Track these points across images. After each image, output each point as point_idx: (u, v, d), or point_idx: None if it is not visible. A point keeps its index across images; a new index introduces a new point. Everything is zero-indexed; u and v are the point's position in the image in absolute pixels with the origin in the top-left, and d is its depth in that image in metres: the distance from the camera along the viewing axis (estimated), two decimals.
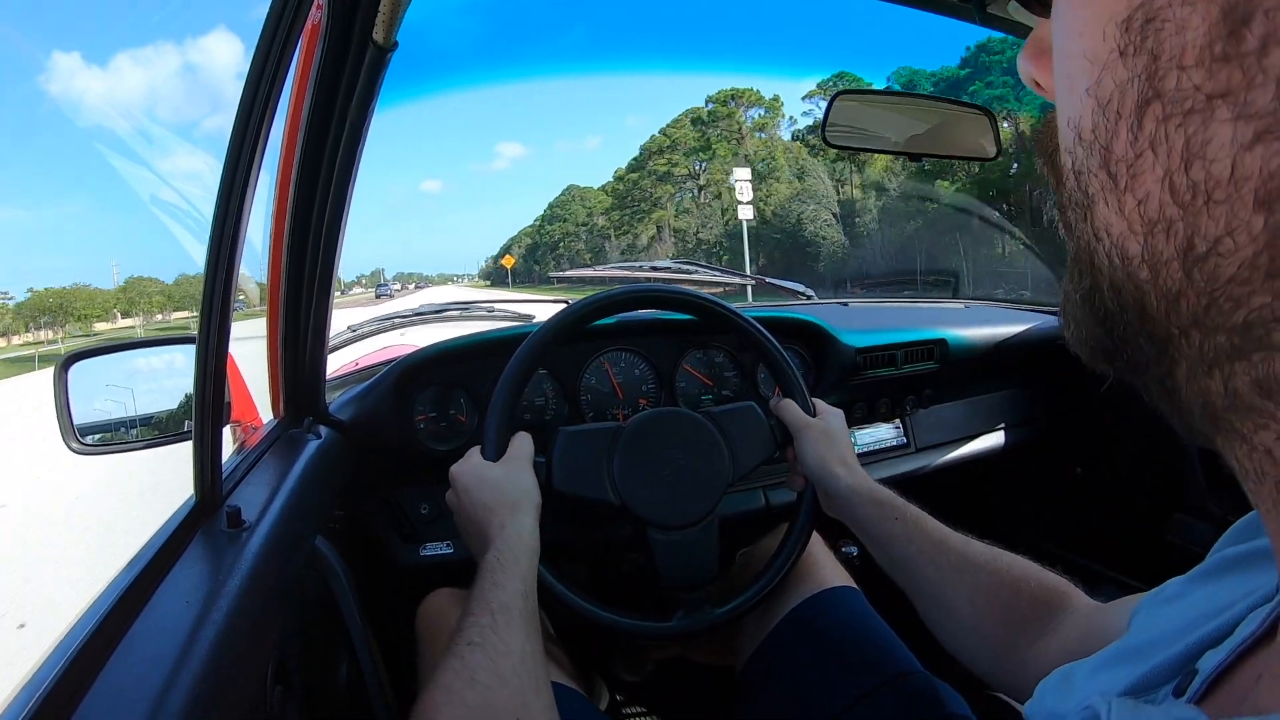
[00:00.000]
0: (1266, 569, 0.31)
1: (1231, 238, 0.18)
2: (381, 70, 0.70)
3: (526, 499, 0.80)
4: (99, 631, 0.46)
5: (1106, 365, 0.26)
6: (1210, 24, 0.17)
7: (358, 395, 1.06)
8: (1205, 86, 0.17)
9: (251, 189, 0.57)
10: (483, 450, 0.86)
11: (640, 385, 1.20)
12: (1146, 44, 0.19)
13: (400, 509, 1.09)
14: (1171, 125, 0.18)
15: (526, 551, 0.73)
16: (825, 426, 0.91)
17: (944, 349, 1.39)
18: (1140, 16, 0.19)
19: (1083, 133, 0.21)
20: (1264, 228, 0.17)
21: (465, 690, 0.59)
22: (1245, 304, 0.18)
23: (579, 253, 46.45)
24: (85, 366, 0.83)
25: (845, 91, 1.07)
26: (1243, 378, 0.19)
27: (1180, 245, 0.19)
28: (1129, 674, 0.34)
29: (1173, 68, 0.18)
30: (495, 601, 0.66)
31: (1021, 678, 0.63)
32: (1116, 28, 0.19)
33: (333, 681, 0.87)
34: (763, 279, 1.93)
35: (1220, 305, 0.19)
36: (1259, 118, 0.17)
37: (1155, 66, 0.19)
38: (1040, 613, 0.64)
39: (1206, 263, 0.19)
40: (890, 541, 0.76)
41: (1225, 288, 0.18)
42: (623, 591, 1.29)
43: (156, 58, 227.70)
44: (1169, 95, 0.18)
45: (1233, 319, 0.19)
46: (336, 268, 0.84)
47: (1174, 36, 0.18)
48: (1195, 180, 0.18)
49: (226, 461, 0.74)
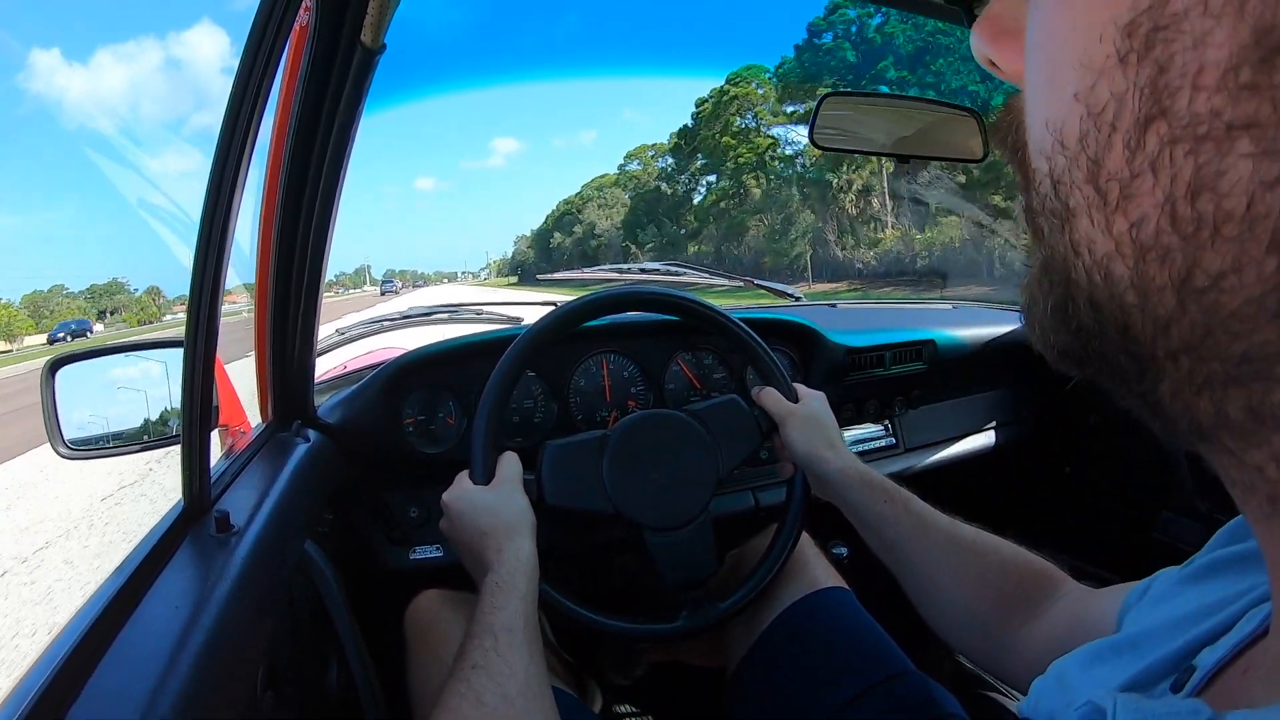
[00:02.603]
0: (1259, 570, 0.31)
1: (1238, 275, 0.17)
2: (370, 71, 0.70)
3: (521, 521, 0.79)
4: (88, 637, 0.46)
5: (1076, 370, 0.24)
6: (1239, 44, 0.15)
7: (346, 398, 1.06)
8: (1225, 114, 0.16)
9: (239, 191, 0.57)
10: (471, 473, 0.85)
11: (629, 387, 1.21)
12: (1153, 53, 0.17)
13: (389, 512, 1.09)
14: (1180, 150, 0.17)
15: (525, 573, 0.73)
16: (809, 411, 0.91)
17: (932, 350, 1.40)
18: (1147, 22, 0.17)
19: (1066, 139, 0.20)
20: (1277, 269, 0.16)
21: (472, 712, 0.59)
22: (1246, 339, 0.17)
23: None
24: (73, 370, 0.82)
25: (834, 93, 1.07)
26: (1236, 403, 0.18)
27: (1177, 275, 0.18)
28: (1126, 668, 0.34)
29: (1185, 86, 0.16)
30: (497, 624, 0.66)
31: (1010, 660, 0.63)
32: (1117, 30, 0.18)
33: (323, 686, 0.87)
34: (751, 280, 1.93)
35: (1217, 336, 0.18)
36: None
37: (1162, 80, 0.17)
38: (1029, 594, 0.65)
39: (1206, 296, 0.17)
40: (880, 523, 0.76)
41: (1224, 321, 0.17)
42: (615, 594, 1.29)
43: (141, 55, 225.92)
44: (1178, 116, 0.17)
45: (1230, 350, 0.18)
46: (325, 271, 0.84)
47: (1189, 51, 0.16)
48: (1202, 211, 0.17)
49: (215, 465, 0.73)
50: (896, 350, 1.36)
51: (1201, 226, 0.17)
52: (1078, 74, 0.19)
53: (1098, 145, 0.19)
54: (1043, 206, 0.22)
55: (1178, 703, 0.27)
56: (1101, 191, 0.19)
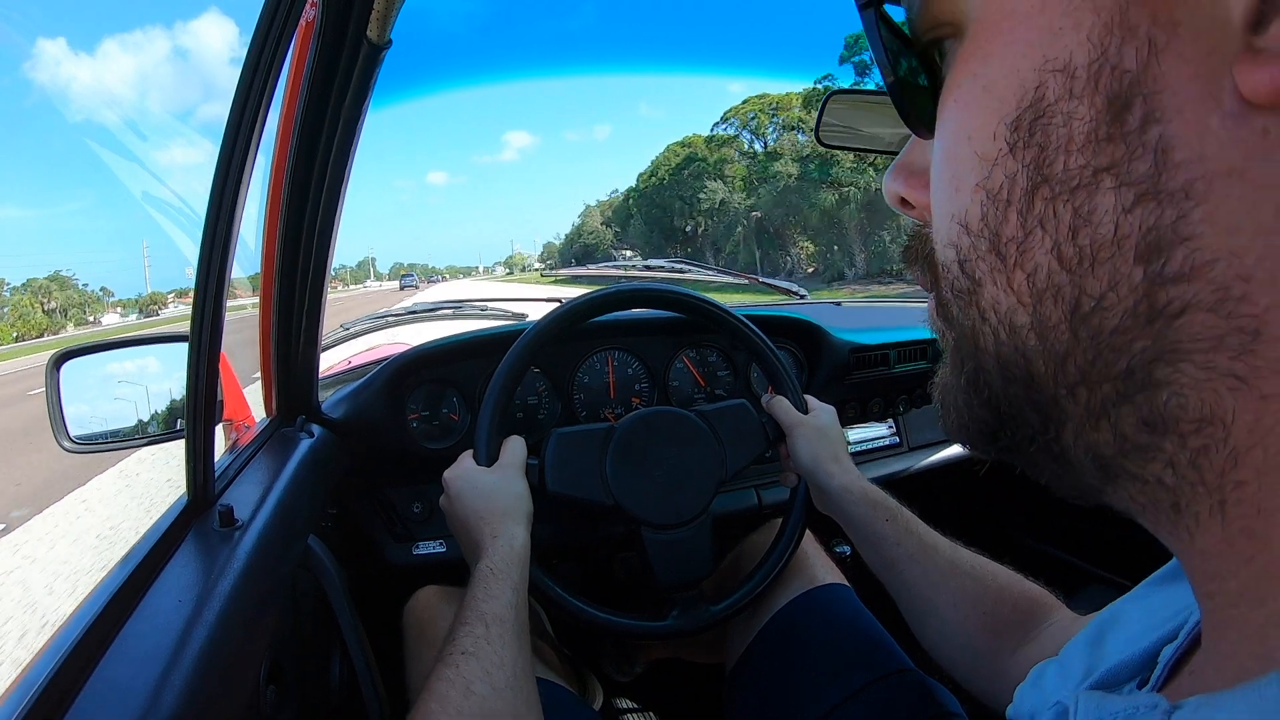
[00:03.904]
0: None
1: (1115, 291, 0.20)
2: (376, 68, 0.70)
3: (519, 507, 0.79)
4: (91, 631, 0.46)
5: (987, 447, 0.28)
6: (1097, 111, 0.20)
7: (350, 394, 1.06)
8: (1092, 163, 0.20)
9: (245, 186, 0.57)
10: (475, 455, 0.85)
11: (633, 384, 1.21)
12: (1034, 139, 0.21)
13: (393, 508, 1.09)
14: (1060, 203, 0.21)
15: (518, 561, 0.73)
16: (817, 423, 0.91)
17: (937, 349, 1.39)
18: (1029, 116, 0.21)
19: (970, 224, 0.24)
20: (1143, 277, 0.20)
21: (461, 700, 0.59)
22: (1127, 351, 0.21)
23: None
24: (77, 364, 0.83)
25: (839, 91, 1.07)
26: (1129, 420, 0.22)
27: (1068, 307, 0.22)
28: (1087, 661, 0.35)
29: (1059, 153, 0.21)
30: (489, 612, 0.66)
31: (1000, 685, 0.63)
32: (1006, 127, 0.22)
33: (326, 681, 0.87)
34: (756, 278, 1.93)
35: (1105, 357, 0.21)
36: (1138, 183, 0.19)
37: (1043, 156, 0.21)
38: (1022, 621, 0.65)
39: (1092, 319, 0.21)
40: (880, 542, 0.76)
41: (1109, 339, 0.21)
42: (615, 590, 1.29)
43: (149, 47, 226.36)
44: (1056, 177, 0.21)
45: (1116, 367, 0.21)
46: (330, 266, 0.84)
47: (1061, 128, 0.21)
48: (1081, 246, 0.21)
49: (219, 460, 0.73)
50: (901, 349, 1.36)
51: (1083, 258, 0.21)
52: (977, 167, 0.23)
53: (996, 219, 0.23)
54: (952, 291, 0.26)
55: (1138, 697, 0.27)
56: (1002, 255, 0.23)
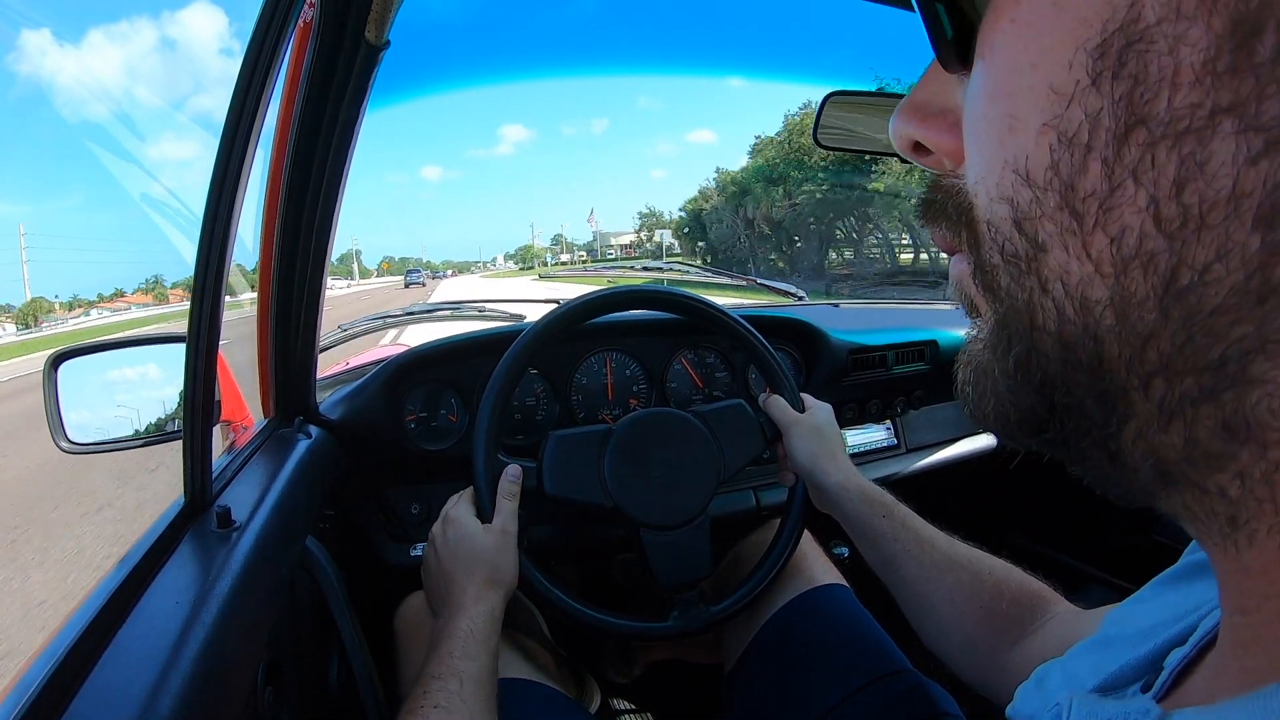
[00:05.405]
0: None
1: (1223, 262, 0.17)
2: (373, 68, 0.70)
3: (507, 578, 0.80)
4: (88, 632, 0.46)
5: (1029, 439, 0.24)
6: (1216, 37, 0.16)
7: (348, 395, 1.06)
8: (1206, 103, 0.16)
9: (243, 187, 0.57)
10: (476, 505, 0.85)
11: (631, 385, 1.21)
12: (1126, 69, 0.17)
13: (391, 509, 1.09)
14: (1162, 149, 0.17)
15: (496, 631, 0.75)
16: (814, 422, 0.91)
17: (935, 350, 1.40)
18: (1119, 40, 0.17)
19: (1033, 174, 0.20)
20: (1260, 247, 0.16)
21: None
22: (1225, 337, 0.17)
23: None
24: (75, 365, 0.83)
25: (837, 93, 1.07)
26: (1207, 422, 0.19)
27: (1161, 279, 0.18)
28: (1101, 670, 0.34)
29: (1163, 88, 0.17)
30: (466, 671, 0.67)
31: (999, 679, 0.63)
32: (1087, 54, 0.18)
33: (324, 682, 0.87)
34: (754, 280, 1.93)
35: (1197, 342, 0.18)
36: (1269, 129, 0.16)
37: (1138, 91, 0.17)
38: (1021, 615, 0.65)
39: (1189, 295, 0.18)
40: (878, 538, 0.77)
41: (1206, 321, 0.18)
42: (614, 592, 1.29)
43: (140, 42, 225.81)
44: (1158, 119, 0.17)
45: (1208, 356, 0.18)
46: (327, 267, 0.84)
47: (1164, 56, 0.17)
48: (1188, 204, 0.17)
49: (217, 461, 0.73)
50: (899, 351, 1.36)
51: (1188, 220, 0.17)
52: (1046, 103, 0.19)
53: (1071, 169, 0.19)
54: (1001, 255, 0.22)
55: (1131, 702, 0.27)
56: (1078, 214, 0.19)
